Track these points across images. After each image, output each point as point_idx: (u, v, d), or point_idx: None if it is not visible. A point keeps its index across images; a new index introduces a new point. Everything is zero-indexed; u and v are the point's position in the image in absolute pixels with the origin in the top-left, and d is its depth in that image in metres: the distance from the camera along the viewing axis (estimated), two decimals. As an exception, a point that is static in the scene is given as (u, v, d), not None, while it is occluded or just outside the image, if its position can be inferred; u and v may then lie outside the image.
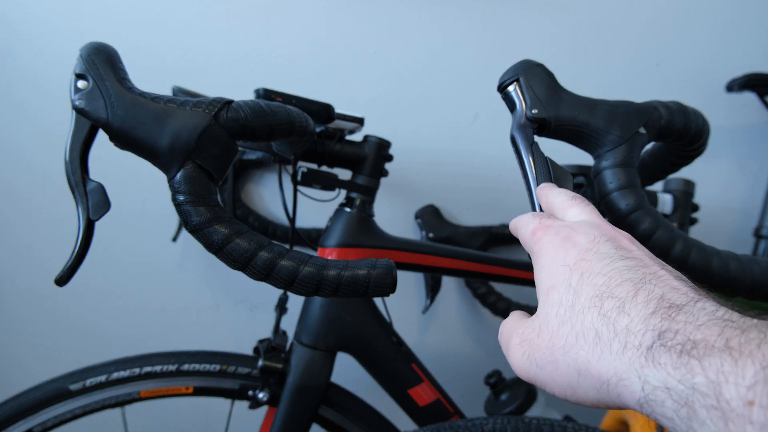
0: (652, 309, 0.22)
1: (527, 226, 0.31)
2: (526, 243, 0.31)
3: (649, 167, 0.54)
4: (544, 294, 0.27)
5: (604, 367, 0.22)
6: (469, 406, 0.83)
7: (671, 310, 0.21)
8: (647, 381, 0.20)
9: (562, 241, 0.28)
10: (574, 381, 0.24)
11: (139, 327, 0.94)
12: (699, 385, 0.18)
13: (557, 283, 0.26)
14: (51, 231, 0.89)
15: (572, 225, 0.29)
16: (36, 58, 0.85)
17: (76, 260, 0.36)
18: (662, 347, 0.20)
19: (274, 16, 0.89)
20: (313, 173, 0.63)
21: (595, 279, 0.25)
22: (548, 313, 0.26)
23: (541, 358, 0.25)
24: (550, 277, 0.27)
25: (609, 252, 0.26)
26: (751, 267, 0.40)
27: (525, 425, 0.53)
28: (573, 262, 0.26)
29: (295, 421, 0.63)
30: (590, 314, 0.24)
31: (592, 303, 0.24)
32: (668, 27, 0.97)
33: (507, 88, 0.41)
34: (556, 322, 0.25)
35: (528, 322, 0.28)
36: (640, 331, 0.21)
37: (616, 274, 0.24)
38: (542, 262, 0.28)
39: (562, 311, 0.25)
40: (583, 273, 0.25)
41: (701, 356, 0.19)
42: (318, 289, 0.37)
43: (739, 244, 1.02)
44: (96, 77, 0.36)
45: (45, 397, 0.60)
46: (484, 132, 0.96)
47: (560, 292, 0.26)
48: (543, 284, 0.27)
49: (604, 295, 0.24)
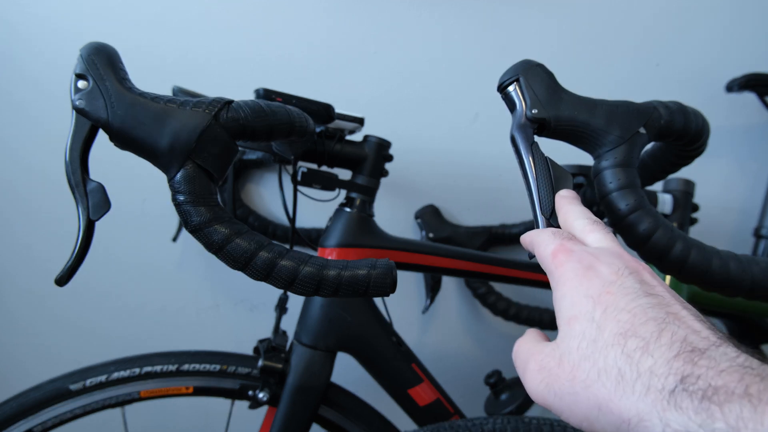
0: (675, 352, 0.22)
1: (547, 245, 0.31)
2: (544, 263, 0.31)
3: (649, 167, 0.54)
4: (566, 323, 0.27)
5: (626, 406, 0.22)
6: (469, 406, 0.83)
7: (694, 354, 0.22)
8: (668, 424, 0.20)
9: (586, 271, 0.28)
10: (593, 415, 0.24)
11: (139, 327, 0.94)
12: (719, 430, 0.19)
13: (580, 315, 0.26)
14: (51, 231, 0.89)
15: (595, 253, 0.29)
16: (36, 58, 0.85)
17: (76, 260, 0.36)
18: (684, 392, 0.21)
19: (274, 16, 0.89)
20: (313, 173, 0.63)
21: (620, 315, 0.25)
22: (570, 345, 0.26)
23: (560, 389, 0.25)
24: (573, 306, 0.27)
25: (633, 287, 0.26)
26: (751, 267, 0.40)
27: (525, 425, 0.53)
28: (597, 294, 0.26)
29: (295, 421, 0.63)
30: (614, 352, 0.24)
31: (615, 340, 0.24)
32: (668, 27, 0.97)
33: (507, 88, 0.41)
34: (578, 355, 0.25)
35: (547, 350, 0.28)
36: (663, 374, 0.22)
37: (640, 311, 0.25)
38: (564, 290, 0.28)
39: (585, 345, 0.25)
40: (607, 307, 0.26)
41: (722, 402, 0.19)
42: (318, 289, 0.37)
43: (739, 244, 1.02)
44: (96, 77, 0.36)
45: (45, 397, 0.60)
46: (484, 132, 0.96)
47: (583, 324, 0.26)
48: (564, 313, 0.27)
49: (628, 333, 0.24)
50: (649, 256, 0.40)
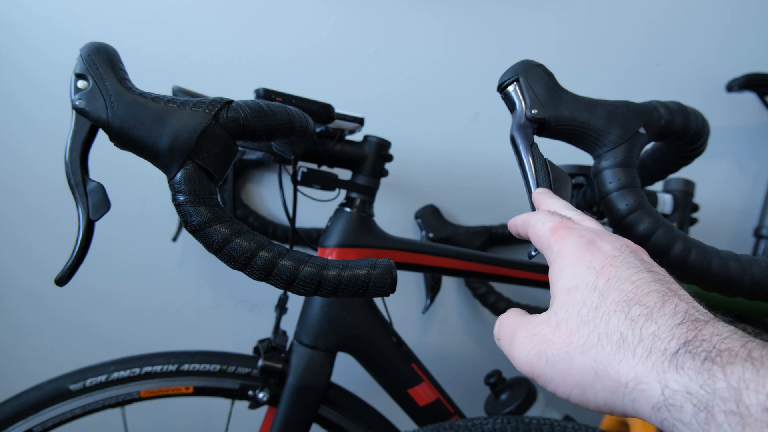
0: (679, 320, 0.23)
1: (544, 223, 0.31)
2: (542, 239, 0.31)
3: (649, 167, 0.54)
4: (564, 292, 0.27)
5: (625, 369, 0.22)
6: (469, 406, 0.83)
7: (697, 323, 0.22)
8: (668, 385, 0.21)
9: (588, 245, 0.28)
10: (588, 381, 0.24)
11: (139, 327, 0.94)
12: (720, 390, 0.19)
13: (581, 284, 0.26)
14: (51, 231, 0.89)
15: (596, 231, 0.30)
16: (36, 58, 0.85)
17: (76, 260, 0.36)
18: (687, 353, 0.21)
19: (274, 16, 0.89)
20: (313, 173, 0.63)
21: (623, 285, 0.25)
22: (569, 311, 0.26)
23: (554, 355, 0.25)
24: (574, 276, 0.27)
25: (634, 262, 0.27)
26: (751, 267, 0.40)
27: (525, 425, 0.53)
28: (599, 266, 0.27)
29: (295, 421, 0.63)
30: (616, 317, 0.24)
31: (618, 307, 0.24)
32: (668, 27, 0.97)
33: (507, 88, 0.41)
34: (577, 321, 0.25)
35: (539, 318, 0.28)
36: (667, 338, 0.22)
37: (642, 283, 0.25)
38: (564, 262, 0.28)
39: (585, 311, 0.25)
40: (610, 278, 0.26)
41: (724, 364, 0.20)
42: (318, 289, 0.37)
43: (739, 244, 1.02)
44: (96, 77, 0.36)
45: (45, 397, 0.60)
46: (484, 132, 0.96)
47: (584, 292, 0.26)
48: (563, 283, 0.27)
49: (632, 301, 0.24)
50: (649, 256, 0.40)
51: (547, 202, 0.36)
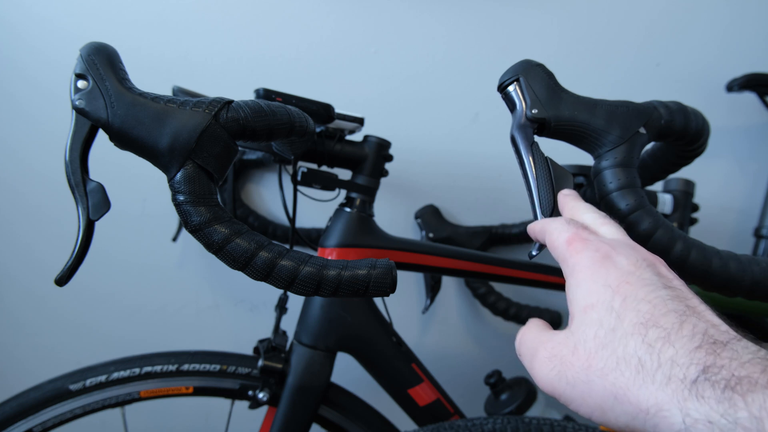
0: (697, 343, 0.22)
1: (560, 233, 0.31)
2: (558, 250, 0.31)
3: (649, 167, 0.54)
4: (581, 311, 0.27)
5: (644, 396, 0.22)
6: (469, 406, 0.83)
7: (716, 346, 0.22)
8: (689, 414, 0.20)
9: (603, 260, 0.28)
10: (608, 405, 0.24)
11: (139, 327, 0.94)
12: (742, 419, 0.19)
13: (597, 303, 0.26)
14: (51, 231, 0.89)
15: (611, 243, 0.29)
16: (36, 58, 0.85)
17: (76, 260, 0.36)
18: (706, 381, 0.20)
19: (274, 16, 0.89)
20: (313, 173, 0.63)
21: (639, 305, 0.25)
22: (586, 333, 0.26)
23: (574, 377, 0.25)
24: (589, 294, 0.27)
25: (651, 278, 0.26)
26: (751, 267, 0.39)
27: (525, 425, 0.53)
28: (615, 284, 0.26)
29: (295, 421, 0.63)
30: (633, 341, 0.24)
31: (636, 330, 0.24)
32: (669, 27, 0.97)
33: (507, 88, 0.41)
34: (595, 343, 0.25)
35: (559, 338, 0.27)
36: (685, 363, 0.22)
37: (660, 302, 0.25)
38: (580, 277, 0.28)
39: (602, 333, 0.25)
40: (626, 297, 0.25)
41: (745, 392, 0.19)
42: (318, 289, 0.37)
43: (739, 244, 1.02)
44: (96, 77, 0.36)
45: (45, 397, 0.60)
46: (484, 132, 0.96)
47: (600, 312, 0.26)
48: (580, 301, 0.27)
49: (649, 323, 0.24)
50: None
51: (569, 205, 0.35)
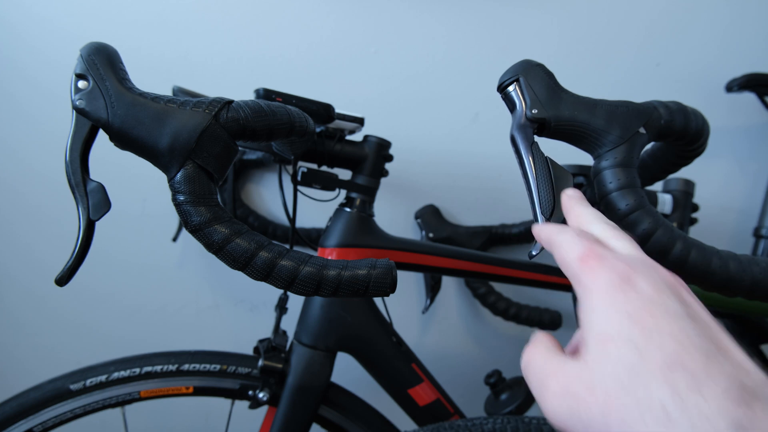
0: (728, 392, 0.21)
1: (572, 248, 0.28)
2: (569, 268, 0.28)
3: (649, 167, 0.54)
4: (599, 342, 0.24)
5: None
6: (469, 406, 0.83)
7: (746, 395, 0.21)
8: None
9: (622, 283, 0.25)
10: None
11: (139, 327, 0.94)
12: None
13: (616, 336, 0.24)
14: (51, 231, 0.89)
15: (630, 263, 0.27)
16: (36, 58, 0.85)
17: (77, 260, 0.36)
18: None
19: (274, 16, 0.89)
20: (313, 173, 0.63)
21: (664, 341, 0.23)
22: (604, 371, 0.23)
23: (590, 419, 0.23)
24: (607, 323, 0.24)
25: (675, 308, 0.24)
26: (751, 267, 0.39)
27: (525, 425, 0.53)
28: (637, 314, 0.24)
29: (295, 421, 0.63)
30: (657, 385, 0.22)
31: (660, 372, 0.22)
32: (668, 27, 0.97)
33: (507, 88, 0.41)
34: (615, 384, 0.23)
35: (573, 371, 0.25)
36: (716, 418, 0.20)
37: (685, 339, 0.23)
38: (595, 302, 0.25)
39: (623, 373, 0.23)
40: (649, 330, 0.23)
41: None
42: (318, 289, 0.37)
43: (739, 244, 1.02)
44: (96, 77, 0.36)
45: (45, 397, 0.60)
46: (484, 132, 0.96)
47: (620, 347, 0.23)
48: (596, 328, 0.25)
49: (675, 364, 0.22)
50: (648, 256, 0.40)
51: (575, 212, 0.33)
